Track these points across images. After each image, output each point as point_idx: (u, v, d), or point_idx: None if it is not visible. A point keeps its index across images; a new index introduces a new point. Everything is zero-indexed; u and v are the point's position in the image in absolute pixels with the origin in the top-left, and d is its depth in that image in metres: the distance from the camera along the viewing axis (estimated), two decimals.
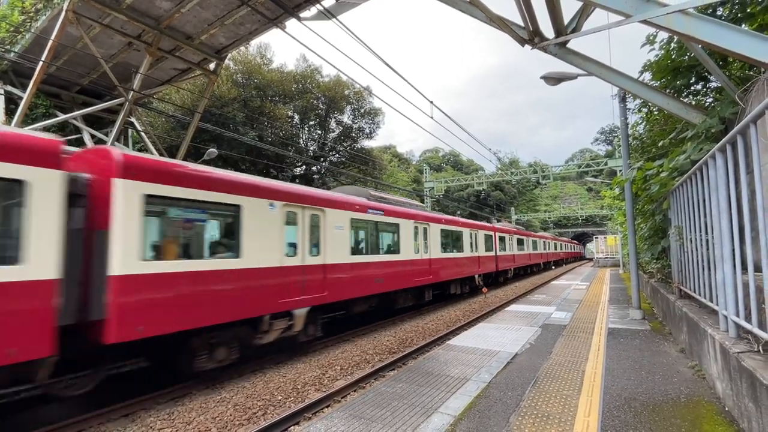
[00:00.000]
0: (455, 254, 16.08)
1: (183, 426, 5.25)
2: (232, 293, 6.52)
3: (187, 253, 6.18)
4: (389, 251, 11.61)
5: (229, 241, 6.76)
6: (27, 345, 4.30)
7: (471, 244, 17.87)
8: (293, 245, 7.98)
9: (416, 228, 13.07)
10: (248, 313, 6.82)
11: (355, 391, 6.41)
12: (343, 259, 9.26)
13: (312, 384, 6.77)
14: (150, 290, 5.44)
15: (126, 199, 5.25)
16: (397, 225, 11.94)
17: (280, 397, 6.20)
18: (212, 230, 6.78)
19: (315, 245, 8.53)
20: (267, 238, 7.29)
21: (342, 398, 6.10)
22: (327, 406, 5.81)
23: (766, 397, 2.72)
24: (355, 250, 9.95)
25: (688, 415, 3.67)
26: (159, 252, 5.75)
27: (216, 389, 6.61)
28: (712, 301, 4.54)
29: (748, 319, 3.39)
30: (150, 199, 5.56)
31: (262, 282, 7.09)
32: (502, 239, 22.84)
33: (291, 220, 7.95)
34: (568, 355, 5.89)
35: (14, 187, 4.29)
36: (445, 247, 15.03)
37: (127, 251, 5.20)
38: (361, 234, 10.57)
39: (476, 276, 18.33)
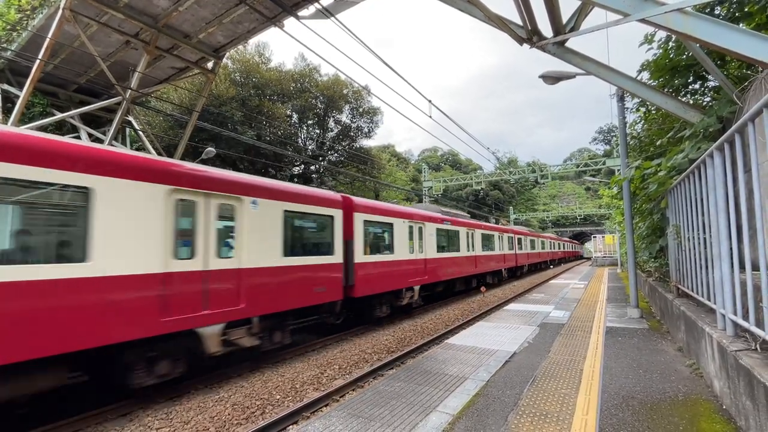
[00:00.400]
0: (491, 252, 20.92)
1: (181, 425, 5.24)
2: (398, 272, 11.95)
3: (377, 251, 11.21)
4: (454, 250, 16.38)
5: (390, 242, 11.75)
6: (335, 293, 9.10)
7: (500, 244, 22.68)
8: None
9: (471, 233, 18.53)
10: (406, 284, 12.31)
11: (353, 390, 6.41)
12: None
13: (310, 383, 6.77)
14: (368, 270, 10.46)
15: (358, 223, 10.18)
16: (457, 231, 17.01)
17: (278, 397, 6.19)
18: (389, 237, 11.82)
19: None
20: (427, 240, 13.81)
21: (340, 397, 6.10)
22: (325, 405, 5.80)
23: (763, 395, 2.73)
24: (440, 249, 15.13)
25: (686, 413, 3.68)
26: (368, 250, 10.60)
27: (214, 389, 6.60)
28: (709, 300, 4.55)
29: (745, 317, 3.40)
30: (365, 223, 10.56)
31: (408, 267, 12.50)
32: (520, 240, 27.62)
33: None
34: (566, 354, 5.90)
35: (330, 221, 9.21)
36: (484, 246, 20.03)
37: (359, 250, 10.16)
38: (443, 238, 15.56)
39: (503, 270, 23.11)
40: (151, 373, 5.76)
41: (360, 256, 10.16)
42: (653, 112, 9.14)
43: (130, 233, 5.37)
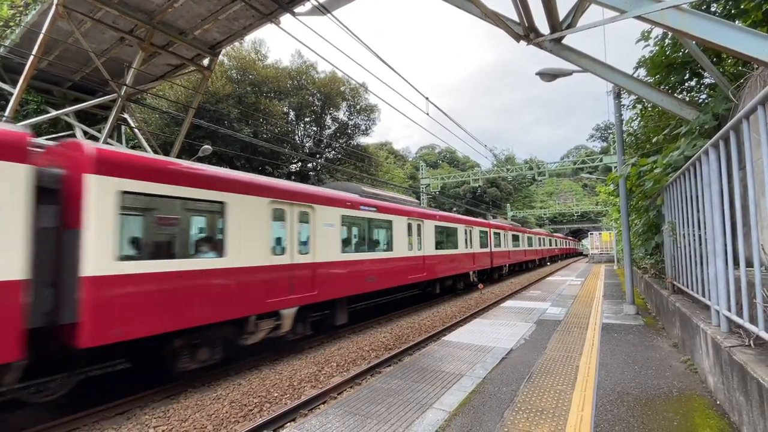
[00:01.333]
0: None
1: (179, 423, 5.24)
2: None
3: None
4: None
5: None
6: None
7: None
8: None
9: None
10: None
11: (351, 387, 6.42)
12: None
13: (308, 381, 6.78)
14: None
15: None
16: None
17: (276, 394, 6.20)
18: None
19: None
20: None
21: (338, 395, 6.11)
22: (323, 403, 5.81)
23: (756, 391, 2.75)
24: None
25: (680, 409, 3.71)
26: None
27: (212, 387, 6.60)
28: (704, 296, 4.58)
29: (739, 313, 3.42)
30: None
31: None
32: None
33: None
34: (562, 351, 5.93)
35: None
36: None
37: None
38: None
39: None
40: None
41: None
42: (649, 109, 9.16)
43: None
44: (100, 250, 4.91)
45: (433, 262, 14.40)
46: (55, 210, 4.82)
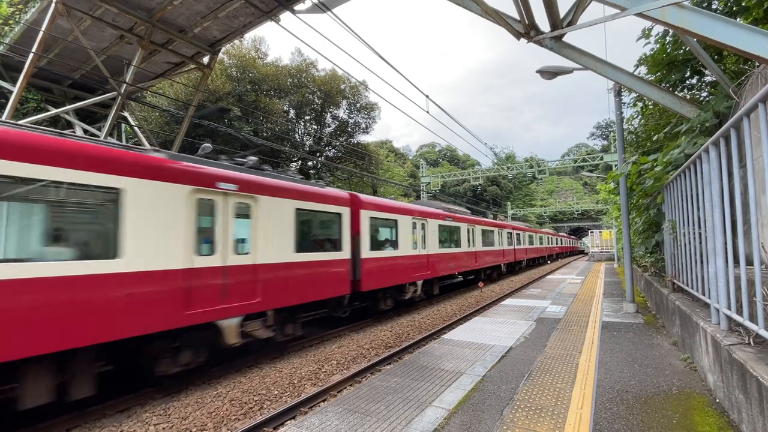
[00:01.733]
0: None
1: (179, 421, 5.25)
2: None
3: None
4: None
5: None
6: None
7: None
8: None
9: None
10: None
11: (351, 385, 6.43)
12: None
13: (308, 378, 6.79)
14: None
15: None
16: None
17: (276, 392, 6.21)
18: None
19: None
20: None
21: (338, 392, 6.12)
22: (323, 401, 5.83)
23: (755, 389, 2.75)
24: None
25: (680, 407, 3.71)
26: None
27: (212, 384, 6.61)
28: (704, 295, 4.58)
29: (739, 312, 3.42)
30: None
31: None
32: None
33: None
34: (562, 349, 5.93)
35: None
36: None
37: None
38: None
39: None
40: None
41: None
42: (650, 107, 9.14)
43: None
44: (365, 246, 10.33)
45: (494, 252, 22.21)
46: (353, 227, 10.10)
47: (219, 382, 6.71)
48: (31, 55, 10.83)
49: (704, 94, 7.12)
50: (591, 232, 46.64)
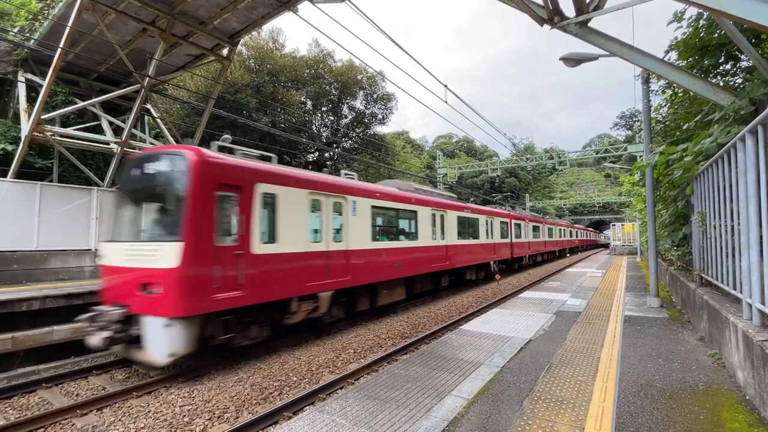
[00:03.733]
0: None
1: (203, 403, 5.43)
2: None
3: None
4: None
5: None
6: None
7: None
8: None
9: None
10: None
11: (368, 374, 6.51)
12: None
13: (326, 366, 6.91)
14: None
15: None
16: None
17: (295, 378, 6.34)
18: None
19: None
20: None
21: (356, 380, 6.20)
22: (341, 388, 5.92)
23: None
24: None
25: (707, 403, 3.61)
26: None
27: (233, 370, 6.80)
28: (735, 289, 4.42)
29: None
30: None
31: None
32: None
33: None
34: (582, 342, 5.84)
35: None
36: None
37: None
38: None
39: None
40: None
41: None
42: (680, 94, 8.76)
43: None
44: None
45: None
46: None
47: (240, 367, 6.90)
48: (59, 50, 11.15)
49: (739, 80, 6.77)
50: (613, 225, 45.45)
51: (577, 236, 48.55)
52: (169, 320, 5.75)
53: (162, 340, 5.77)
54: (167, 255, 5.83)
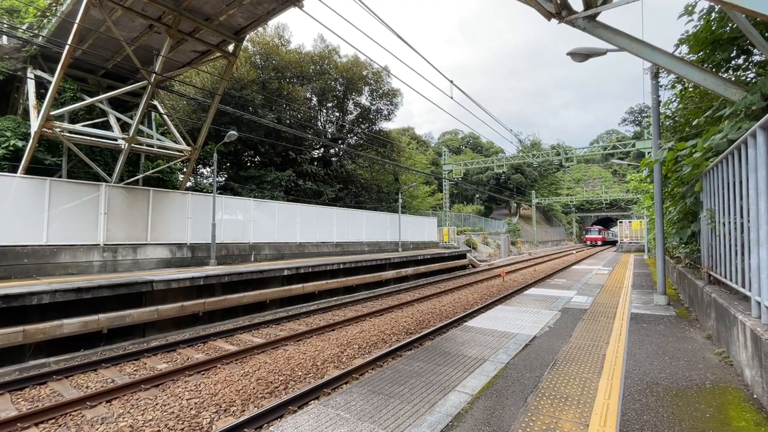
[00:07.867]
0: None
1: (209, 397, 5.50)
2: None
3: None
4: None
5: None
6: None
7: None
8: None
9: None
10: None
11: (372, 369, 6.55)
12: None
13: (331, 361, 6.95)
14: None
15: None
16: None
17: (300, 373, 6.40)
18: None
19: None
20: None
21: (360, 375, 6.24)
22: (345, 383, 5.96)
23: None
24: None
25: (714, 401, 3.59)
26: None
27: (239, 364, 6.87)
28: (744, 287, 4.37)
29: None
30: None
31: None
32: None
33: None
34: (588, 339, 5.82)
35: None
36: None
37: None
38: None
39: None
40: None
41: None
42: (690, 90, 8.63)
43: None
44: None
45: None
46: None
47: (246, 362, 6.97)
48: (67, 47, 11.25)
49: (751, 75, 6.65)
50: (620, 222, 45.04)
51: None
52: None
53: None
54: None
